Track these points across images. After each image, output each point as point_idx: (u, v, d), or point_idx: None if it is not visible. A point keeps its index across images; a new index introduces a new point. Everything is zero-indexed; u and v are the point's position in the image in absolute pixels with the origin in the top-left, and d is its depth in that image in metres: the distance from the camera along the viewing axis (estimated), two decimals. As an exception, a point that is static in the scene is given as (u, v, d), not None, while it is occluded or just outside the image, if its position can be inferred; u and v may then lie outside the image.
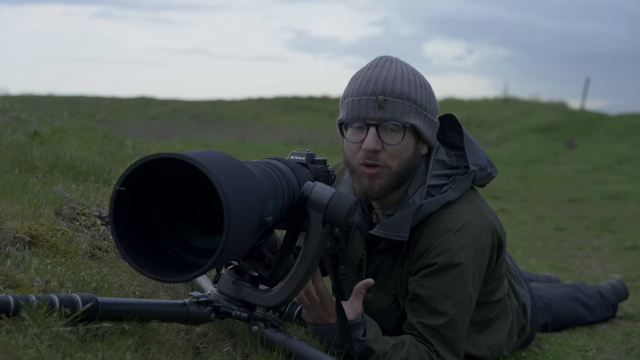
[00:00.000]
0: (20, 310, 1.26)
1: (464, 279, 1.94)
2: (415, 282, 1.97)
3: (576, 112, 18.02)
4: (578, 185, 8.72)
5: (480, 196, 2.10)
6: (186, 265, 1.39)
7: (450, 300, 1.94)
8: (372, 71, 1.98)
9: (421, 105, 1.97)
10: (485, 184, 2.09)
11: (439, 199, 1.98)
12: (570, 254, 4.58)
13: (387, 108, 1.93)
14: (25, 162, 2.70)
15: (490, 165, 2.07)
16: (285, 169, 1.66)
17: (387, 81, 1.94)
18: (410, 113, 1.95)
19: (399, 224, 1.98)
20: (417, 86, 1.97)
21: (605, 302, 2.98)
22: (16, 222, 1.82)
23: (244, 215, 1.29)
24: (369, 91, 1.94)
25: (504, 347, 2.22)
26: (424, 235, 1.98)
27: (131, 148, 4.43)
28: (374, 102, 1.93)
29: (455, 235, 1.94)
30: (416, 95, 1.96)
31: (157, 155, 1.27)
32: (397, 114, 1.93)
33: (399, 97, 1.93)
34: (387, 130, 1.94)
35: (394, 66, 1.98)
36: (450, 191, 1.99)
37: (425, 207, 1.97)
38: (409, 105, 1.94)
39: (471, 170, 2.01)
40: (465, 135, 2.06)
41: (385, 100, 1.92)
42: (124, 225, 1.33)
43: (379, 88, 1.93)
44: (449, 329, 1.94)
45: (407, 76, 1.97)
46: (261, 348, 1.65)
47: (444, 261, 1.93)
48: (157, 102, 19.90)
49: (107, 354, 1.30)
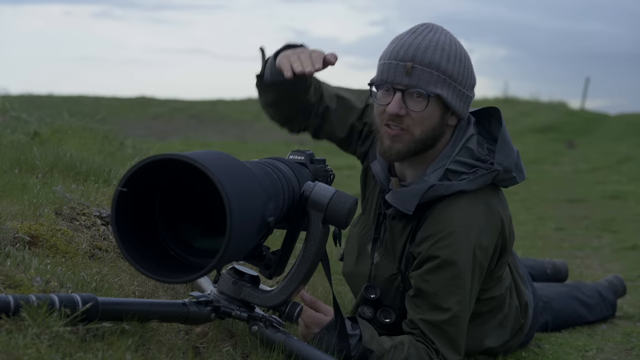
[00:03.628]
0: (20, 310, 1.26)
1: (466, 276, 1.95)
2: (419, 277, 1.97)
3: (576, 112, 18.00)
4: (578, 185, 8.71)
5: (500, 195, 2.09)
6: (187, 266, 1.39)
7: (454, 296, 1.94)
8: (408, 36, 1.99)
9: (451, 76, 1.96)
10: (506, 186, 2.09)
11: (452, 185, 1.98)
12: (570, 254, 4.57)
13: (414, 75, 1.94)
14: (25, 162, 2.70)
15: (517, 170, 2.06)
16: (285, 169, 1.66)
17: (418, 49, 1.95)
18: (437, 83, 1.95)
19: (408, 197, 2.01)
20: (451, 56, 1.97)
21: (604, 302, 2.98)
22: (16, 222, 1.82)
23: (246, 215, 1.30)
24: (399, 56, 1.96)
25: (486, 339, 2.20)
26: (431, 220, 1.99)
27: (131, 148, 4.43)
28: (402, 68, 1.94)
29: (460, 230, 1.95)
30: (447, 65, 1.95)
31: (159, 157, 1.27)
32: (423, 82, 1.94)
33: (428, 65, 1.94)
34: (413, 96, 1.95)
35: (432, 34, 1.98)
36: (466, 181, 1.99)
37: (437, 189, 1.98)
38: (437, 75, 1.94)
39: (494, 169, 2.01)
40: (502, 134, 2.06)
41: (413, 67, 1.94)
42: (125, 226, 1.33)
43: (410, 55, 1.95)
44: (452, 325, 1.94)
45: (442, 46, 1.96)
46: (261, 348, 1.65)
47: (447, 256, 1.94)
48: (157, 102, 19.88)
49: (107, 354, 1.30)
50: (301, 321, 1.88)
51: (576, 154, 12.19)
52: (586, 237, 5.31)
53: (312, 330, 1.86)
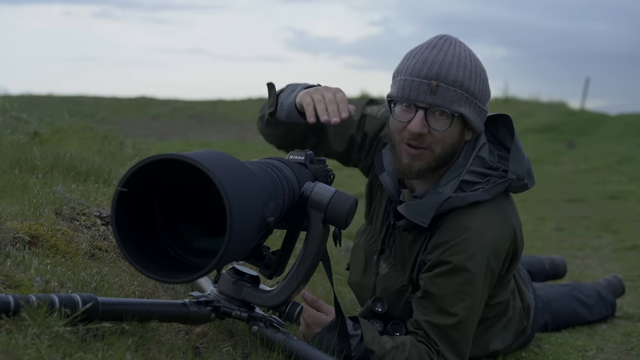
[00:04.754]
0: (20, 310, 1.26)
1: (477, 283, 1.94)
2: (429, 279, 1.96)
3: (576, 112, 17.99)
4: (578, 185, 8.70)
5: (511, 202, 2.08)
6: (187, 266, 1.39)
7: (462, 303, 1.93)
8: (429, 52, 1.93)
9: (473, 93, 1.93)
10: (517, 192, 2.08)
11: (468, 196, 1.97)
12: (570, 254, 4.57)
13: (439, 94, 1.89)
14: (25, 162, 2.70)
15: (529, 177, 2.05)
16: (285, 169, 1.66)
17: (442, 66, 1.90)
18: (460, 101, 1.91)
19: (423, 209, 1.98)
20: (472, 73, 1.93)
21: (603, 301, 2.99)
22: (16, 222, 1.82)
23: (246, 215, 1.29)
24: (422, 73, 1.90)
25: (492, 342, 2.21)
26: (444, 229, 1.98)
27: (131, 148, 4.43)
28: (426, 86, 1.89)
29: (475, 237, 1.93)
30: (469, 83, 1.92)
31: (159, 157, 1.27)
32: (448, 101, 1.90)
33: (452, 84, 1.90)
34: (435, 115, 1.91)
35: (452, 49, 1.93)
36: (481, 191, 1.98)
37: (453, 201, 1.97)
38: (460, 93, 1.91)
39: (508, 178, 2.00)
40: (515, 142, 2.04)
41: (438, 85, 1.89)
42: (125, 226, 1.33)
43: (434, 72, 1.89)
44: (457, 330, 1.93)
45: (464, 62, 1.92)
46: (261, 348, 1.65)
47: (459, 262, 1.92)
48: (157, 102, 19.87)
49: (107, 354, 1.30)
50: (302, 320, 1.88)
51: (576, 154, 12.18)
52: (586, 237, 5.31)
53: (313, 330, 1.85)
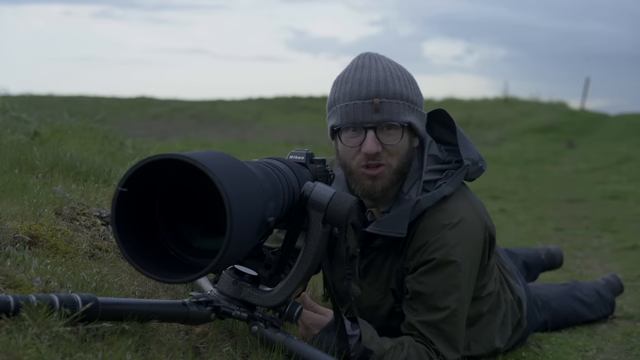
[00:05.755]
0: (20, 310, 1.26)
1: (462, 274, 1.96)
2: (415, 280, 1.98)
3: (576, 112, 18.01)
4: (578, 185, 8.71)
5: (470, 190, 2.11)
6: (188, 266, 1.39)
7: (451, 296, 1.95)
8: (360, 72, 1.96)
9: (413, 101, 1.97)
10: (475, 178, 2.10)
11: (434, 194, 1.99)
12: (570, 254, 4.57)
13: (384, 110, 1.92)
14: (25, 162, 2.70)
15: (481, 160, 2.08)
16: (285, 169, 1.66)
17: (379, 82, 1.93)
18: (405, 111, 1.95)
19: (396, 220, 1.98)
20: (406, 82, 1.97)
21: (603, 300, 3.00)
22: (16, 222, 1.82)
23: (246, 215, 1.29)
24: (362, 95, 1.92)
25: (496, 339, 2.23)
26: (420, 231, 1.99)
27: (131, 148, 4.43)
28: (370, 105, 1.91)
29: (452, 231, 1.96)
30: (407, 92, 1.96)
31: (159, 157, 1.27)
32: (394, 114, 1.93)
33: (393, 97, 1.93)
34: (385, 131, 1.94)
35: (380, 64, 1.97)
36: (444, 186, 2.00)
37: (422, 203, 1.98)
38: (402, 103, 1.94)
39: (465, 165, 2.02)
40: (458, 130, 2.08)
41: (381, 102, 1.91)
42: (125, 226, 1.32)
43: (372, 90, 1.92)
44: (450, 323, 1.95)
45: (396, 73, 1.96)
46: (261, 348, 1.65)
47: (442, 256, 1.94)
48: (157, 102, 19.89)
49: (107, 354, 1.30)
50: (301, 323, 1.88)
51: (576, 154, 12.20)
52: (586, 237, 5.31)
53: (312, 332, 1.86)
